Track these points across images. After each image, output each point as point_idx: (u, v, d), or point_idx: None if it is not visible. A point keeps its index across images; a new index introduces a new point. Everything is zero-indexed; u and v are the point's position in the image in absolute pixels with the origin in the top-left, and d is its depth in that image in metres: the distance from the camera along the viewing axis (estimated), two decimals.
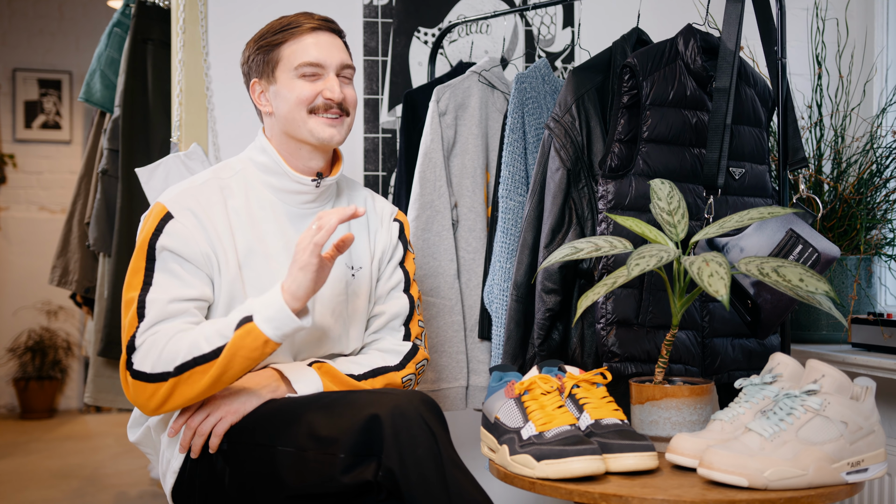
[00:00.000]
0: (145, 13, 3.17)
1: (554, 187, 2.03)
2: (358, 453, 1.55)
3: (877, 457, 1.56)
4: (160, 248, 1.71)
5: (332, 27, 1.85)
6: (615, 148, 1.97)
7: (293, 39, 1.80)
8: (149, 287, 1.69)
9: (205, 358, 1.62)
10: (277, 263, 1.79)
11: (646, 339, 1.95)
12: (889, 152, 2.40)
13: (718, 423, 1.62)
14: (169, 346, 1.64)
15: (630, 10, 2.35)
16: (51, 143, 6.21)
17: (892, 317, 2.19)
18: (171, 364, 1.63)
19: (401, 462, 1.51)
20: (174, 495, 1.78)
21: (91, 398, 3.20)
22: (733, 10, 1.93)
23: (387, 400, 1.57)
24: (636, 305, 1.94)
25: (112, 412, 5.93)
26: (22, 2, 6.13)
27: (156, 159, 2.71)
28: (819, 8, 2.59)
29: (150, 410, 1.67)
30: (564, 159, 2.02)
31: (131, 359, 1.65)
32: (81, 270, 3.51)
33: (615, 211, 1.94)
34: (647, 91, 1.96)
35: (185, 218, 1.73)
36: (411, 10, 2.74)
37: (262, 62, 1.83)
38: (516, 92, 2.23)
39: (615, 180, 1.96)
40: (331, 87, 1.80)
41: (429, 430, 1.53)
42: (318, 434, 1.59)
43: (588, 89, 2.05)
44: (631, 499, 1.45)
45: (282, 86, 1.81)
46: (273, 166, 1.82)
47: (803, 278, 1.57)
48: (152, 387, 1.64)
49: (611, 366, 1.93)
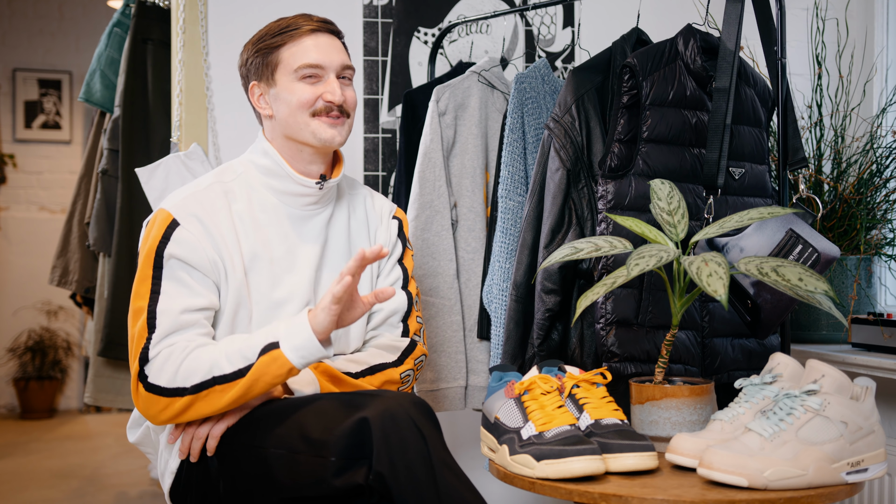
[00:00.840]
0: (145, 13, 3.17)
1: (554, 187, 2.03)
2: (349, 457, 1.54)
3: (877, 457, 1.56)
4: (168, 256, 1.69)
5: (331, 28, 1.84)
6: (615, 148, 1.97)
7: (292, 42, 1.80)
8: (157, 296, 1.68)
9: (225, 378, 1.63)
10: (281, 268, 1.79)
11: (645, 339, 1.94)
12: (889, 152, 2.40)
13: (718, 423, 1.62)
14: (187, 362, 1.64)
15: (630, 10, 2.35)
16: (51, 143, 6.22)
17: (892, 317, 2.19)
18: (188, 381, 1.63)
19: (391, 465, 1.50)
20: (171, 496, 1.78)
21: (91, 398, 3.20)
22: (733, 10, 1.93)
23: (377, 403, 1.56)
24: (636, 305, 1.94)
25: (112, 412, 5.93)
26: (22, 2, 6.13)
27: (156, 159, 2.70)
28: (819, 8, 2.59)
29: (160, 422, 1.67)
30: (564, 159, 2.02)
31: (144, 370, 1.65)
32: (81, 270, 3.50)
33: (615, 211, 1.94)
34: (646, 91, 1.96)
35: (191, 225, 1.71)
36: (411, 10, 2.74)
37: (261, 65, 1.82)
38: (516, 92, 2.23)
39: (615, 180, 1.95)
40: (332, 90, 1.79)
41: (419, 433, 1.52)
42: (309, 436, 1.58)
43: (588, 89, 2.05)
44: (631, 499, 1.45)
45: (282, 88, 1.80)
46: (276, 169, 1.81)
47: (803, 278, 1.56)
48: (166, 401, 1.63)
49: (610, 366, 1.93)
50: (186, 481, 1.74)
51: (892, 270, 2.47)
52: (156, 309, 1.67)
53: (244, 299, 1.74)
